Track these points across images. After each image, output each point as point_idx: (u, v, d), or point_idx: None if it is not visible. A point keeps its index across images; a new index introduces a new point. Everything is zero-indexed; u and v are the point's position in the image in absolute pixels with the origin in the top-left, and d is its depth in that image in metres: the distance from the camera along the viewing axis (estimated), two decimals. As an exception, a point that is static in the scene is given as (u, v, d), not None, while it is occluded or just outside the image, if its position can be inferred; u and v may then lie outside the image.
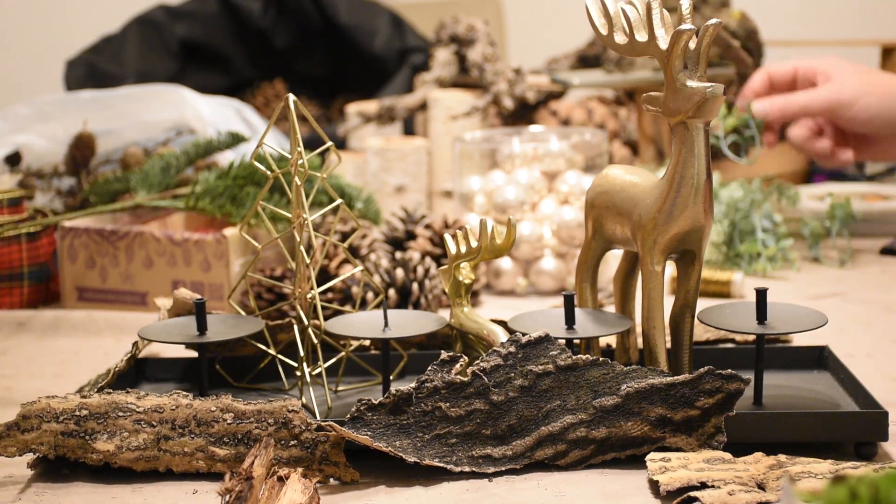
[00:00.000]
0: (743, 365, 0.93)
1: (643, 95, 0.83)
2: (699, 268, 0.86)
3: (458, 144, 1.40)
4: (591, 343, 0.92)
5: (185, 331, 0.90)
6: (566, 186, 1.33)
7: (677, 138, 0.82)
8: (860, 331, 1.13)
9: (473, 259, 0.91)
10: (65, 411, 0.80)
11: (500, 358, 0.81)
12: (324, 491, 0.78)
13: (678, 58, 0.80)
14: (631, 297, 0.93)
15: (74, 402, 0.81)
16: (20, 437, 0.80)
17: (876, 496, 0.48)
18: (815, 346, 0.96)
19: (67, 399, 0.81)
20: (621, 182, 0.88)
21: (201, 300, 0.89)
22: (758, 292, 0.86)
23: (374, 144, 1.54)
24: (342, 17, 2.14)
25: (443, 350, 0.92)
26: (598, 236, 0.91)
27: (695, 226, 0.83)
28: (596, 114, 1.68)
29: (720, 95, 0.80)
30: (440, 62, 1.69)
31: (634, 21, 0.82)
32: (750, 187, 1.39)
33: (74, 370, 1.07)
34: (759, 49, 1.71)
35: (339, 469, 0.79)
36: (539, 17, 3.09)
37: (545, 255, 1.31)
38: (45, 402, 0.81)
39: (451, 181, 1.49)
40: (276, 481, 0.72)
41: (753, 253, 1.35)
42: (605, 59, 1.67)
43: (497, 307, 1.24)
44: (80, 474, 0.82)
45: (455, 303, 0.91)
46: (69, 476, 0.82)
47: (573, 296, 0.88)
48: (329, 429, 0.79)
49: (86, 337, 1.16)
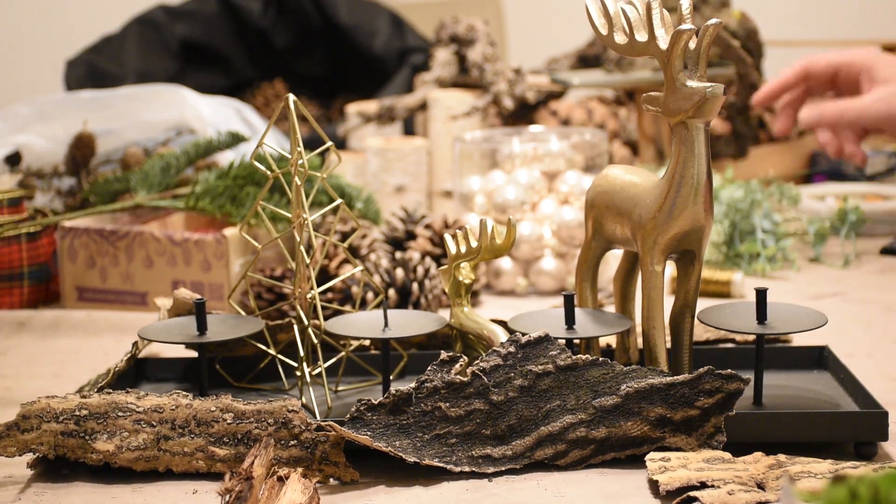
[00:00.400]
0: (743, 365, 0.93)
1: (643, 95, 0.83)
2: (699, 268, 0.86)
3: (458, 144, 1.40)
4: (590, 343, 0.92)
5: (185, 331, 0.90)
6: (566, 186, 1.33)
7: (677, 138, 0.82)
8: (860, 331, 1.13)
9: (473, 259, 0.91)
10: (64, 411, 0.80)
11: (500, 358, 0.81)
12: (324, 491, 0.78)
13: (678, 58, 0.80)
14: (631, 297, 0.93)
15: (74, 402, 0.81)
16: (20, 437, 0.80)
17: (876, 496, 0.48)
18: (815, 346, 0.96)
19: (67, 399, 0.81)
20: (621, 182, 0.88)
21: (201, 300, 0.89)
22: (758, 292, 0.86)
23: (374, 144, 1.54)
24: (342, 17, 2.14)
25: (443, 350, 0.92)
26: (598, 236, 0.91)
27: (695, 226, 0.83)
28: (596, 114, 1.68)
29: (720, 95, 0.80)
30: (440, 62, 1.69)
31: (634, 21, 0.82)
32: (750, 187, 1.39)
33: (74, 370, 1.07)
34: (759, 49, 1.71)
35: (339, 469, 0.79)
36: (539, 17, 3.09)
37: (545, 255, 1.31)
38: (45, 402, 0.81)
39: (452, 181, 1.49)
40: (276, 481, 0.72)
41: (753, 253, 1.35)
42: (606, 59, 1.67)
43: (497, 307, 1.24)
44: (79, 474, 0.82)
45: (455, 303, 0.91)
46: (69, 476, 0.82)
47: (573, 296, 0.88)
48: (329, 429, 0.79)
49: (86, 337, 1.16)
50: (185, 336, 0.89)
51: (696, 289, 0.86)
